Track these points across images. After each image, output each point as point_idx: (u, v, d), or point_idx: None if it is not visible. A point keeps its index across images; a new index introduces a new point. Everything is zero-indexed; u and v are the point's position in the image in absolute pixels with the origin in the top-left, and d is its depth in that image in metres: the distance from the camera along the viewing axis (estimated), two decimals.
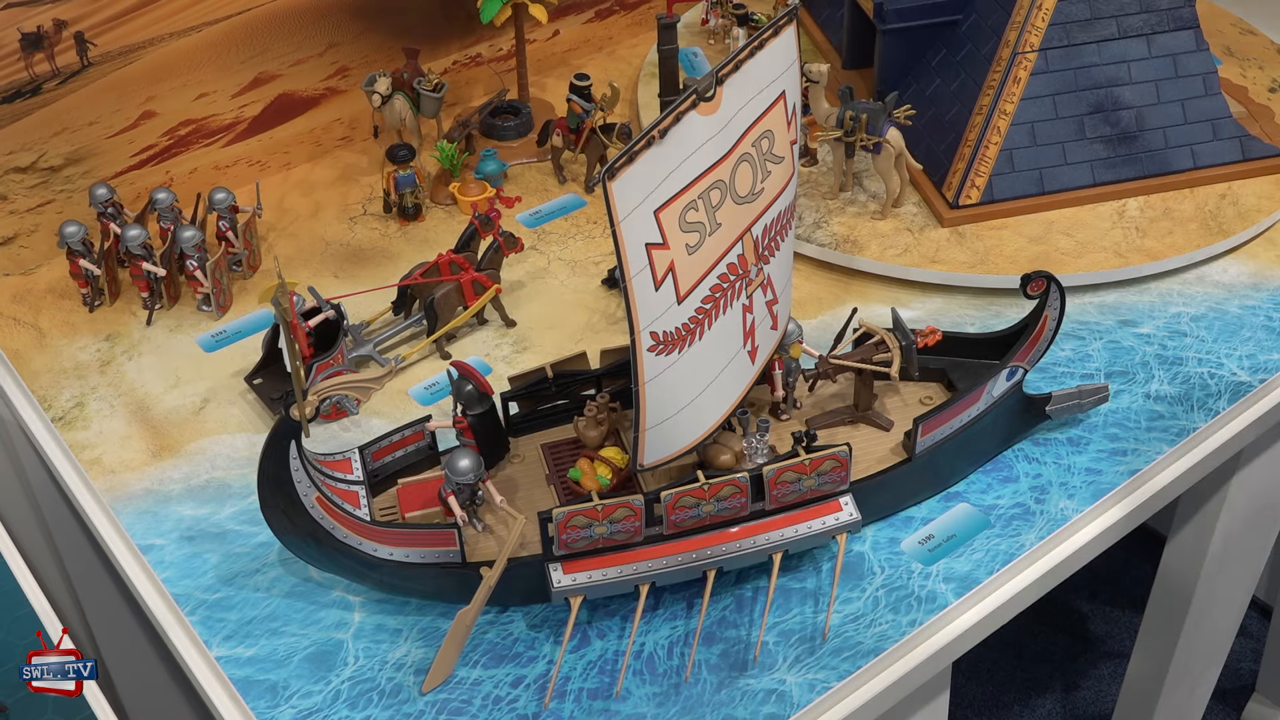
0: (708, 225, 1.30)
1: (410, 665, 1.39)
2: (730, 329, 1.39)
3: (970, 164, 1.91)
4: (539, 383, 1.54)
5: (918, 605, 1.44)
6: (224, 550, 1.52)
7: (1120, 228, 1.89)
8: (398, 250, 1.95)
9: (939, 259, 1.85)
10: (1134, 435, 1.63)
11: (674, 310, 1.29)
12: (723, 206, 1.32)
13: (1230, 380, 1.70)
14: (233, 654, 1.41)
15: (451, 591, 1.40)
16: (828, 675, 1.37)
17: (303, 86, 2.09)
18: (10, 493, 1.98)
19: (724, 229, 1.33)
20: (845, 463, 1.42)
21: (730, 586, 1.46)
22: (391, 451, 1.50)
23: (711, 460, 1.44)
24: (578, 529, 1.36)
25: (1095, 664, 2.90)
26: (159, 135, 1.98)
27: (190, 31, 1.94)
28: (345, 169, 2.13)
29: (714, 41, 2.34)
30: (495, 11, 2.04)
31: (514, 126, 2.15)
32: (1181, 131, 1.96)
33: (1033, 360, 1.58)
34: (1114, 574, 3.03)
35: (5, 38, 1.78)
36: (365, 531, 1.37)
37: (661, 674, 1.38)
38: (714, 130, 1.29)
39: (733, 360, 1.40)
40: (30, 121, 1.85)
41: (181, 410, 1.70)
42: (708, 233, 1.31)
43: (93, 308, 1.86)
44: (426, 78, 2.06)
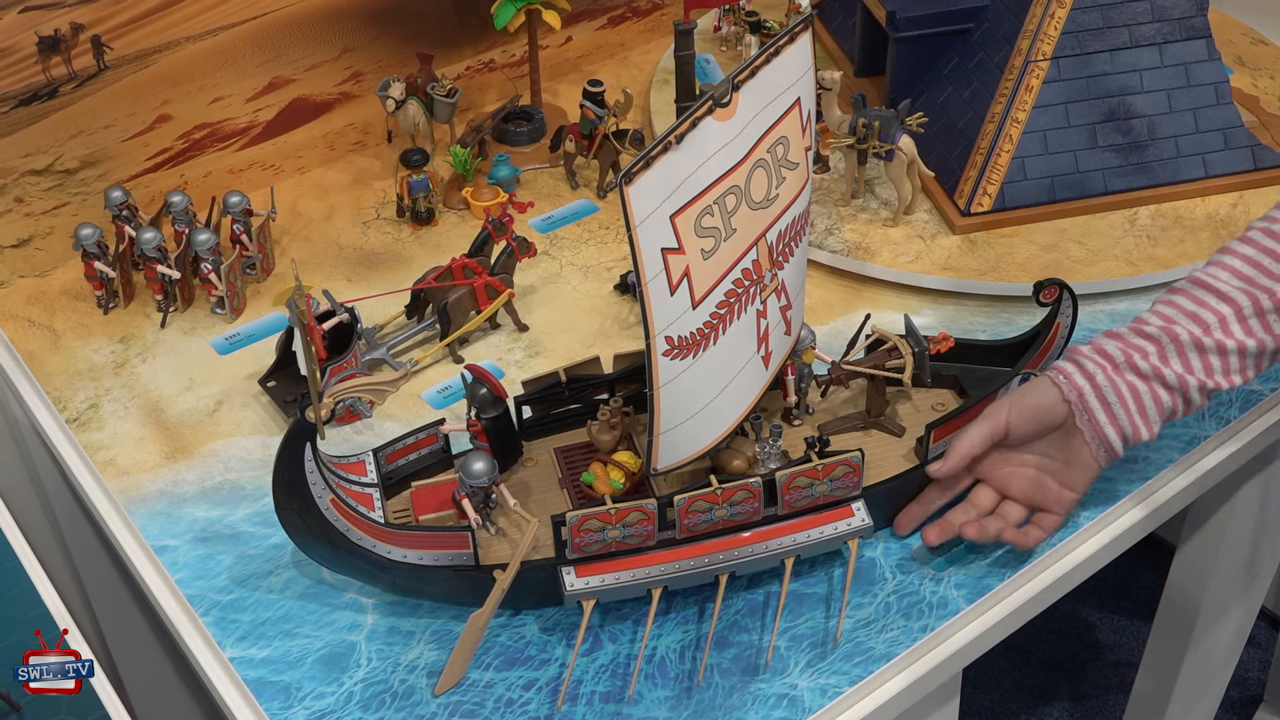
0: (723, 230, 1.31)
1: (423, 667, 1.39)
2: (745, 333, 1.39)
3: (982, 172, 1.91)
4: (553, 387, 1.54)
5: (929, 611, 1.44)
6: (237, 552, 1.52)
7: (1132, 236, 1.90)
8: (411, 254, 1.96)
9: (951, 266, 1.85)
10: (1144, 443, 1.63)
11: (689, 315, 1.29)
12: (738, 212, 1.33)
13: (1241, 389, 1.70)
14: (246, 655, 1.41)
15: (464, 594, 1.40)
16: (839, 680, 1.38)
17: (317, 91, 2.10)
18: (23, 494, 1.98)
19: (739, 234, 1.34)
20: (858, 468, 1.43)
21: (742, 591, 1.47)
22: (405, 454, 1.51)
23: (724, 465, 1.44)
24: (591, 533, 1.36)
25: (1103, 673, 2.90)
26: (174, 139, 1.99)
27: (206, 36, 1.95)
28: (359, 173, 2.14)
29: (726, 48, 2.35)
30: (509, 17, 2.05)
31: (527, 132, 2.16)
32: (1193, 140, 1.96)
33: (1045, 367, 1.58)
34: (1123, 582, 3.03)
35: (23, 41, 1.79)
36: (379, 534, 1.37)
37: (673, 678, 1.38)
38: (730, 136, 1.30)
39: (747, 365, 1.41)
40: (46, 124, 1.86)
41: (195, 412, 1.71)
42: (723, 238, 1.31)
43: (107, 310, 1.87)
44: (440, 83, 2.07)
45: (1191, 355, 1.42)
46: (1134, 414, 1.43)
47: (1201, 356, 1.42)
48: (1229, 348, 1.41)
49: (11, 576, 1.57)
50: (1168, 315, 1.44)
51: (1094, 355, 1.45)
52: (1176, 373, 1.42)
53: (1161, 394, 1.43)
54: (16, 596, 1.56)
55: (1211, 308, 1.43)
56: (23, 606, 1.55)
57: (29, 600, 1.55)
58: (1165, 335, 1.43)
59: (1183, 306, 1.44)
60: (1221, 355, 1.42)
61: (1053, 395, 1.44)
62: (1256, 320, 1.42)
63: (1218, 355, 1.42)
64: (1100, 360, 1.44)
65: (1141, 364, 1.42)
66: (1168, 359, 1.42)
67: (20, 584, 1.57)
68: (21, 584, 1.57)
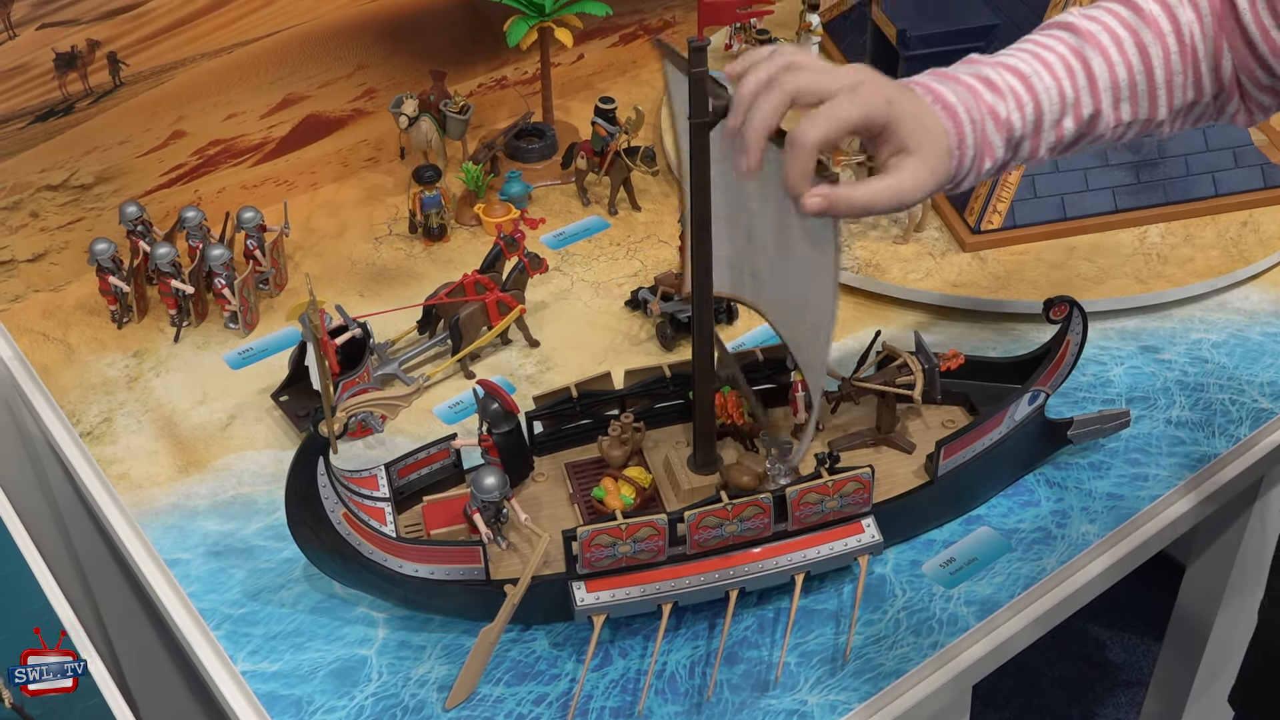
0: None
1: (433, 682, 1.40)
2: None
3: (992, 190, 1.92)
4: (564, 402, 1.55)
5: (939, 628, 1.44)
6: (249, 565, 1.53)
7: (1142, 254, 1.90)
8: (423, 270, 1.97)
9: (961, 283, 1.86)
10: (1155, 461, 1.63)
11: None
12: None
13: (1252, 407, 1.70)
14: (258, 669, 1.42)
15: (475, 609, 1.41)
16: (849, 696, 1.38)
17: (331, 108, 2.12)
18: (36, 507, 1.99)
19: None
20: (868, 484, 1.43)
21: (752, 607, 1.47)
22: (417, 469, 1.51)
23: (734, 481, 1.45)
24: (601, 548, 1.37)
25: (1113, 692, 2.89)
26: (188, 154, 2.00)
27: (221, 53, 1.96)
28: (371, 189, 2.15)
29: None
30: (521, 35, 2.06)
31: (538, 149, 2.17)
32: (1203, 159, 1.97)
33: (1055, 385, 1.58)
34: (1133, 601, 3.02)
35: (40, 58, 1.81)
36: (390, 548, 1.38)
37: (683, 693, 1.39)
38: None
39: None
40: (62, 140, 1.88)
41: (208, 426, 1.72)
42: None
43: (121, 324, 1.88)
44: (453, 100, 2.08)
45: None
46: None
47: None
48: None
49: (25, 589, 1.58)
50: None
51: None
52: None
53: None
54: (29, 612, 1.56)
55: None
56: (36, 620, 1.55)
57: (43, 615, 1.55)
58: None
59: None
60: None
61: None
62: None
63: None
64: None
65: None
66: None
67: (35, 599, 1.57)
68: (36, 599, 1.57)
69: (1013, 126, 1.29)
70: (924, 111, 1.24)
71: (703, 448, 1.49)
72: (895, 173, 1.22)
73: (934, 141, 1.23)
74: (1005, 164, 1.32)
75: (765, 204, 1.34)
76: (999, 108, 1.28)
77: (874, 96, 1.19)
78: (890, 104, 1.20)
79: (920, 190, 1.22)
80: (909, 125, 1.21)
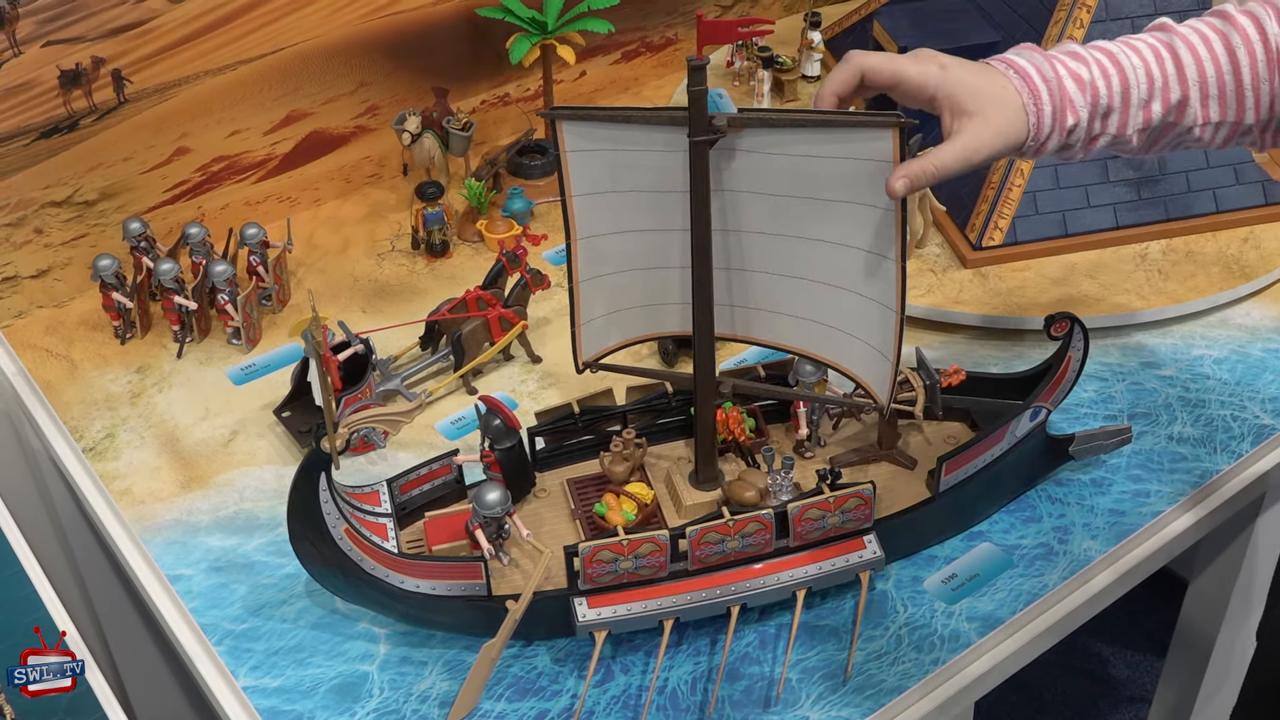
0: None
1: (435, 698, 1.40)
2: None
3: (994, 206, 1.92)
4: (566, 418, 1.55)
5: (941, 644, 1.44)
6: (251, 581, 1.53)
7: (1143, 270, 1.90)
8: (425, 286, 1.97)
9: (962, 299, 1.86)
10: (1157, 477, 1.64)
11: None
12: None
13: (1253, 423, 1.70)
14: (259, 684, 1.42)
15: (477, 624, 1.41)
16: (851, 713, 1.37)
17: (333, 124, 2.12)
18: (38, 522, 1.99)
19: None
20: (869, 500, 1.43)
21: (754, 623, 1.47)
22: (419, 484, 1.52)
23: (736, 497, 1.45)
24: (603, 563, 1.37)
25: (1116, 709, 2.88)
26: (192, 171, 2.01)
27: (224, 70, 1.97)
28: (374, 206, 2.16)
29: (739, 83, 2.36)
30: (524, 52, 2.07)
31: (541, 165, 2.18)
32: (1204, 175, 1.97)
33: (1056, 401, 1.58)
34: (1135, 617, 3.01)
35: (45, 75, 1.81)
36: (392, 563, 1.38)
37: (684, 709, 1.39)
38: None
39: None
40: (66, 157, 1.88)
41: (211, 442, 1.72)
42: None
43: (124, 340, 1.89)
44: (455, 117, 2.09)
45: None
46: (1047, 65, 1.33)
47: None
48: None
49: (27, 603, 1.58)
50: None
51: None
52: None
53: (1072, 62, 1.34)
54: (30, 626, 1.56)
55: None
56: (42, 633, 1.55)
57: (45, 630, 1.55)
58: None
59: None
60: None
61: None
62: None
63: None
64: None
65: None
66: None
67: (36, 613, 1.57)
68: (37, 613, 1.57)
69: (1098, 91, 1.32)
70: (985, 77, 1.32)
71: (704, 464, 1.49)
72: (959, 136, 1.31)
73: (998, 101, 1.31)
74: (1095, 135, 1.35)
75: (759, 218, 1.35)
76: (1082, 71, 1.32)
77: (928, 60, 1.32)
78: (945, 69, 1.32)
79: (986, 149, 1.31)
80: (965, 90, 1.31)
